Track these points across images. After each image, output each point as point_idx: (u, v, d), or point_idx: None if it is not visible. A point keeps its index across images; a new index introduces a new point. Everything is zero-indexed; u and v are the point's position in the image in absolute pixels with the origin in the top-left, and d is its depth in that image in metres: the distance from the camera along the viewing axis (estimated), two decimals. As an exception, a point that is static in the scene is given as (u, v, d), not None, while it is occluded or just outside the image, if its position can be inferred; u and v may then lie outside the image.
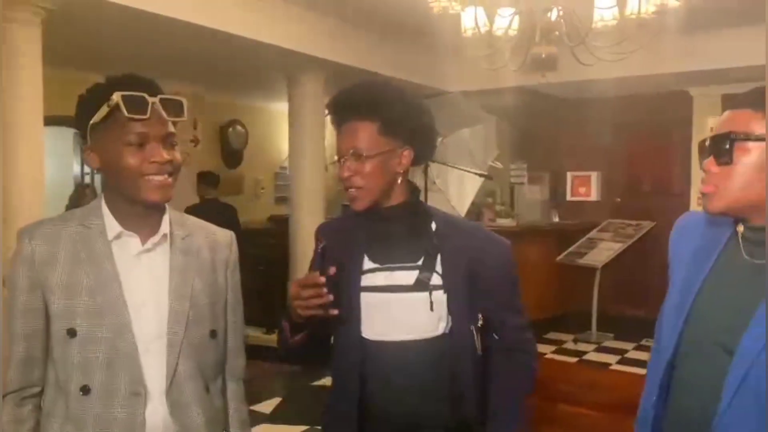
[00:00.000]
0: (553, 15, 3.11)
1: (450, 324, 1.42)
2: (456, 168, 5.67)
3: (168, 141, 1.28)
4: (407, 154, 1.42)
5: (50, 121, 3.98)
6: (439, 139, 5.63)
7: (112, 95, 1.22)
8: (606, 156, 7.15)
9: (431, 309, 1.40)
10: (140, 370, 1.27)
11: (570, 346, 6.05)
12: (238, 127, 7.62)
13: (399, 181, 1.43)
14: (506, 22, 3.23)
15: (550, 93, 6.84)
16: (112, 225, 1.30)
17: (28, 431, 1.28)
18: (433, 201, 5.57)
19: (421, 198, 5.23)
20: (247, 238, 3.14)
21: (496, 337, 1.47)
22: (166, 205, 1.36)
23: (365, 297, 1.42)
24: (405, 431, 1.43)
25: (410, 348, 1.41)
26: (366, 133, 1.38)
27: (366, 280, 1.42)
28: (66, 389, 1.26)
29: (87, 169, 7.22)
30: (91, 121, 1.25)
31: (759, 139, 1.07)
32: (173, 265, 1.33)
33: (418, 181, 5.64)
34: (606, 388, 2.47)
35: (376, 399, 1.42)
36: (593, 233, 6.78)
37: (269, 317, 4.67)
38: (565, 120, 7.10)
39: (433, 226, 1.47)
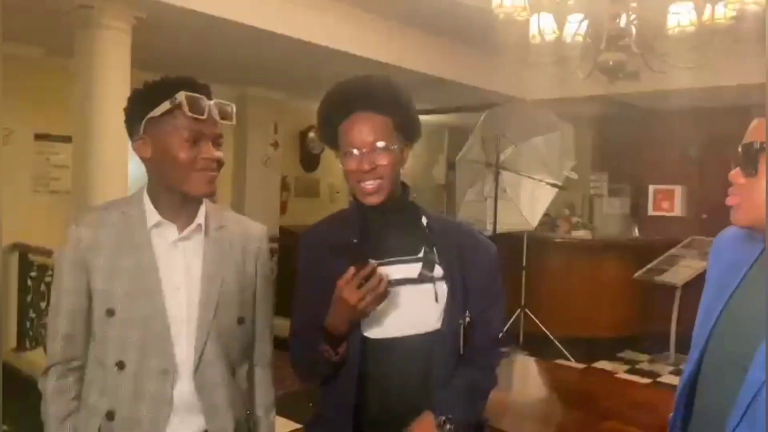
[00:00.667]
0: (623, 21, 3.02)
1: (443, 318, 1.40)
2: (529, 177, 5.59)
3: (217, 141, 1.38)
4: (407, 150, 1.46)
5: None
6: (512, 147, 5.59)
7: (173, 93, 1.32)
8: (692, 170, 6.81)
9: (436, 300, 1.39)
10: (171, 351, 1.35)
11: (645, 366, 5.79)
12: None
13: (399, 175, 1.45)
14: (574, 28, 3.16)
15: (633, 103, 6.62)
16: (151, 214, 1.40)
17: (70, 401, 1.39)
18: (503, 210, 5.52)
19: (491, 207, 5.13)
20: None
21: (476, 338, 1.42)
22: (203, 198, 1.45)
23: None
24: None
25: (408, 344, 1.38)
26: (385, 127, 1.40)
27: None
28: (103, 364, 1.36)
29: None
30: (150, 115, 1.35)
31: None
32: (206, 253, 1.41)
33: (488, 188, 5.59)
34: (657, 408, 2.36)
35: (373, 400, 1.39)
36: (675, 250, 6.45)
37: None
38: (649, 131, 6.83)
39: (424, 220, 1.48)
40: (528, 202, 5.67)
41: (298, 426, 3.76)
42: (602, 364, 5.72)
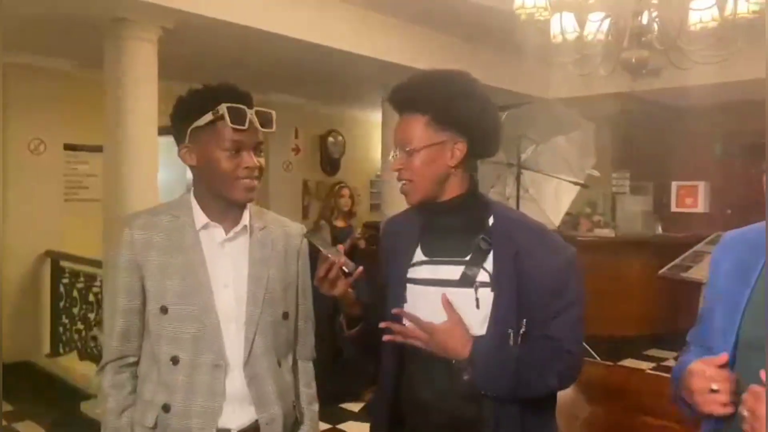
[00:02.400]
0: (644, 18, 3.04)
1: (487, 325, 1.33)
2: (550, 176, 5.60)
3: (258, 149, 1.44)
4: (460, 147, 1.38)
5: (162, 131, 4.35)
6: (533, 147, 5.60)
7: (216, 103, 1.38)
8: (716, 166, 6.77)
9: (477, 307, 1.33)
10: (222, 345, 1.41)
11: (671, 364, 5.76)
12: (338, 137, 7.91)
13: (452, 174, 1.39)
14: (596, 26, 3.19)
15: (655, 100, 6.60)
16: (199, 216, 1.46)
17: (126, 396, 1.46)
18: (526, 210, 5.52)
19: (513, 206, 5.06)
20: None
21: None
22: None
23: (411, 289, 1.41)
24: (443, 429, 1.39)
25: None
26: (414, 127, 1.37)
27: (412, 273, 1.42)
28: (158, 359, 1.42)
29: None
30: (194, 125, 1.41)
31: None
32: (252, 253, 1.48)
33: (510, 188, 5.62)
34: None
35: (416, 395, 1.40)
36: (700, 246, 6.38)
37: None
38: (671, 128, 6.80)
39: (491, 221, 1.40)
40: (551, 201, 5.67)
41: None
42: (628, 362, 5.70)
